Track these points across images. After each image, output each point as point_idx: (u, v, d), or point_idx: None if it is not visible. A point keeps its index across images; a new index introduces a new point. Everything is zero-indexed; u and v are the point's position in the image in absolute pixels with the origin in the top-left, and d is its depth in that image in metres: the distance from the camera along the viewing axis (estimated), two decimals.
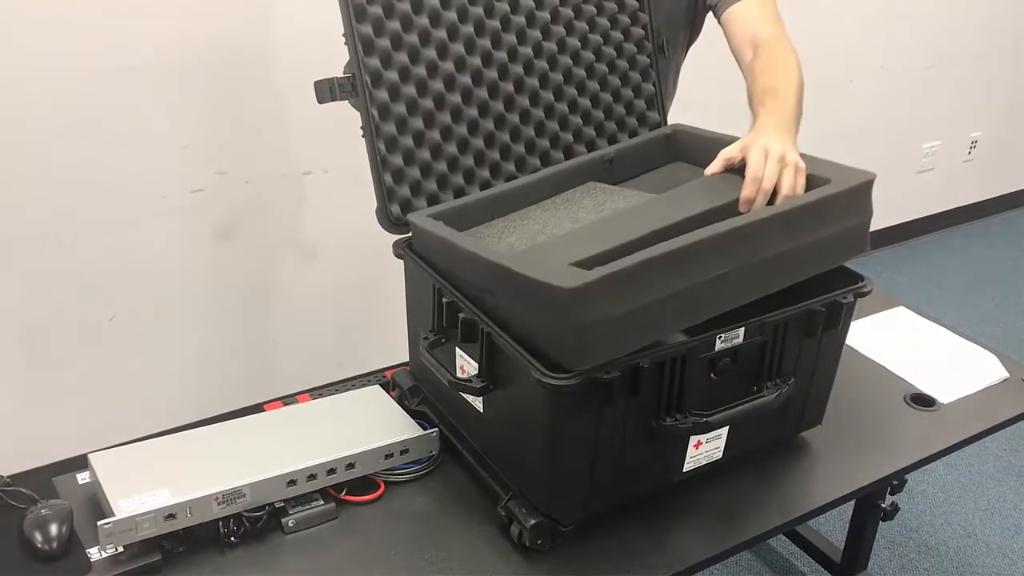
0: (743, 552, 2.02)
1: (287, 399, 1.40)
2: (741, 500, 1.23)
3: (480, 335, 1.10)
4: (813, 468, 1.31)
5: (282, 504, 1.15)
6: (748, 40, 1.44)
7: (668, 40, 1.54)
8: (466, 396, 1.19)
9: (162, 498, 1.08)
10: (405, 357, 1.39)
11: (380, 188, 1.27)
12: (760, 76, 1.36)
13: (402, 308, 1.32)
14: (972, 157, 3.72)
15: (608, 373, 1.02)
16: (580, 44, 1.43)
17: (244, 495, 1.12)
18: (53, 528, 1.09)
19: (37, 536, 1.08)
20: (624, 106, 1.49)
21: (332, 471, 1.18)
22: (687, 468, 1.19)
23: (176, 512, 1.07)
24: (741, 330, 1.12)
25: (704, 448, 1.18)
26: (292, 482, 1.15)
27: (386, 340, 1.55)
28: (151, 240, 1.99)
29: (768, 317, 1.14)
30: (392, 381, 1.40)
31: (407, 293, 1.31)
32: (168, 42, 1.85)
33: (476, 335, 1.11)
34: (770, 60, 1.38)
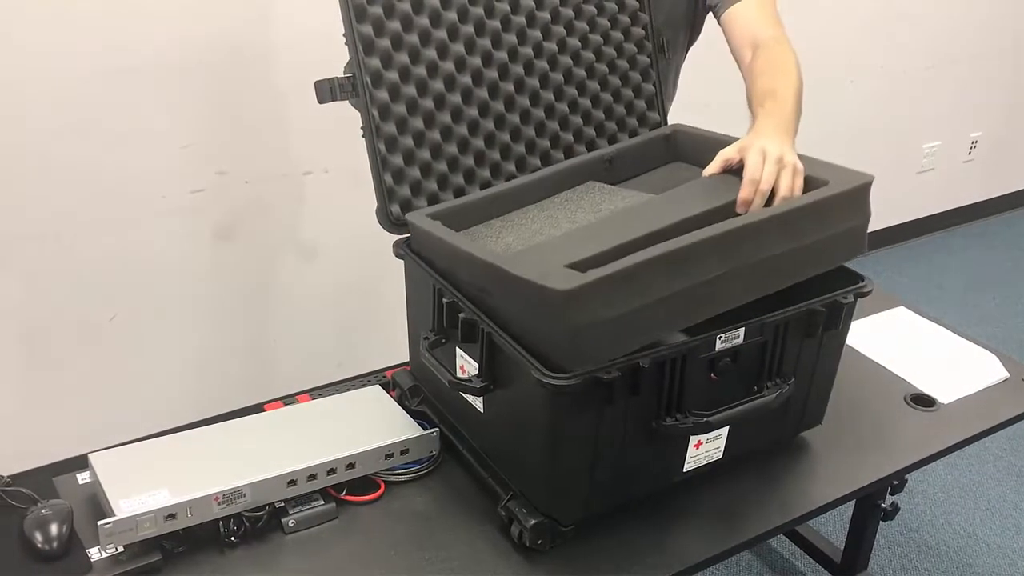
0: (743, 552, 2.02)
1: (287, 399, 1.40)
2: (741, 500, 1.23)
3: (480, 335, 1.10)
4: (813, 468, 1.31)
5: (282, 504, 1.15)
6: (748, 41, 1.44)
7: (668, 40, 1.54)
8: (466, 396, 1.19)
9: (162, 498, 1.08)
10: (405, 357, 1.39)
11: (380, 188, 1.27)
12: (759, 77, 1.36)
13: (402, 308, 1.32)
14: (972, 157, 3.72)
15: (608, 373, 1.02)
16: (580, 44, 1.43)
17: (244, 495, 1.12)
18: (53, 528, 1.09)
19: (37, 536, 1.08)
20: (624, 106, 1.49)
21: (332, 471, 1.18)
22: (687, 468, 1.19)
23: (176, 512, 1.08)
24: (741, 330, 1.12)
25: (704, 448, 1.18)
26: (292, 482, 1.15)
27: (386, 340, 1.55)
28: (151, 240, 1.99)
29: (768, 317, 1.14)
30: (392, 381, 1.40)
31: (407, 293, 1.31)
32: (168, 42, 1.85)
33: (476, 335, 1.11)
34: (769, 61, 1.37)
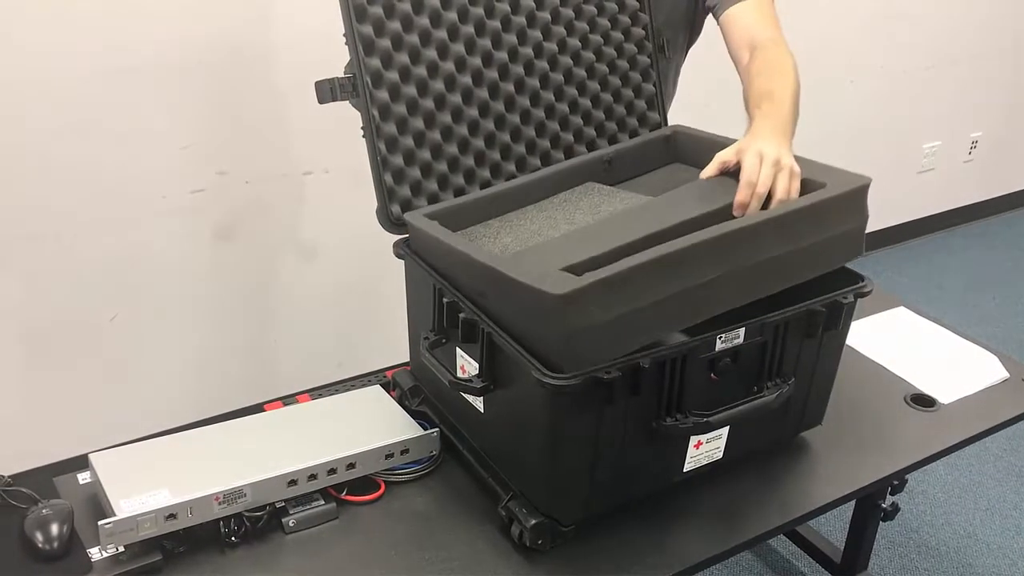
0: (743, 552, 2.02)
1: (287, 399, 1.40)
2: (741, 500, 1.23)
3: (481, 335, 1.10)
4: (813, 468, 1.31)
5: (283, 504, 1.15)
6: (746, 42, 1.44)
7: (668, 40, 1.54)
8: (467, 396, 1.19)
9: (163, 498, 1.08)
10: (406, 357, 1.39)
11: (380, 188, 1.27)
12: (756, 79, 1.36)
13: (402, 308, 1.32)
14: (972, 157, 3.72)
15: (608, 373, 1.02)
16: (581, 44, 1.43)
17: (245, 495, 1.12)
18: (54, 528, 1.09)
19: (38, 536, 1.08)
20: (625, 106, 1.49)
21: (333, 471, 1.18)
22: (687, 468, 1.19)
23: (177, 512, 1.08)
24: (741, 330, 1.12)
25: (704, 448, 1.18)
26: (293, 482, 1.15)
27: (386, 340, 1.55)
28: (151, 240, 1.99)
29: (769, 317, 1.14)
30: (393, 381, 1.40)
31: (407, 293, 1.31)
32: (168, 42, 1.85)
33: (477, 335, 1.11)
34: (767, 63, 1.37)
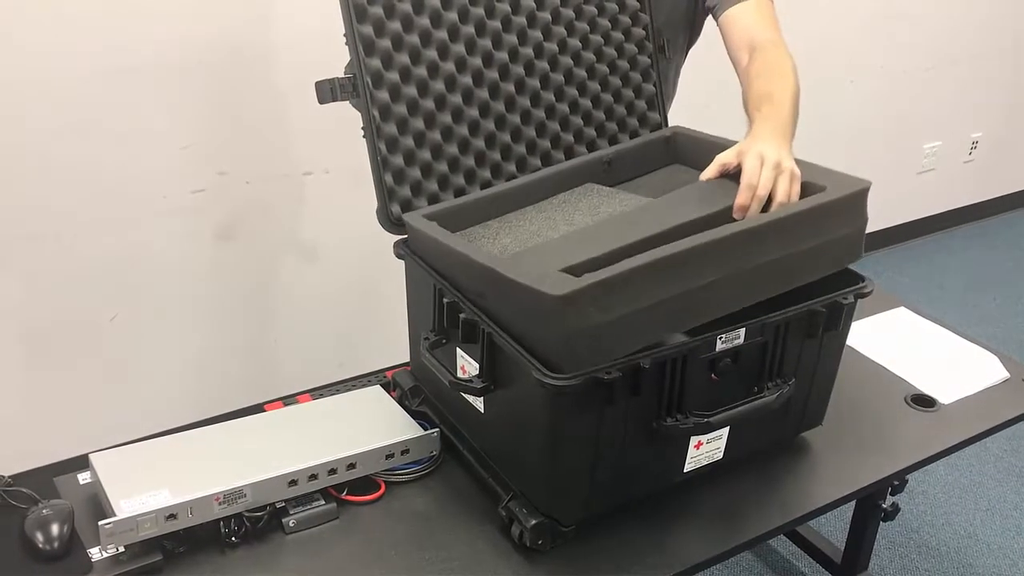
0: (744, 552, 2.02)
1: (288, 399, 1.40)
2: (742, 500, 1.23)
3: (481, 335, 1.10)
4: (814, 468, 1.31)
5: (283, 504, 1.15)
6: (745, 44, 1.44)
7: (668, 41, 1.54)
8: (467, 396, 1.19)
9: (163, 498, 1.08)
10: (406, 357, 1.39)
11: (381, 188, 1.27)
12: (756, 80, 1.35)
13: (403, 308, 1.32)
14: (973, 158, 3.72)
15: (609, 373, 1.02)
16: (581, 45, 1.43)
17: (245, 495, 1.12)
18: (54, 528, 1.09)
19: (38, 536, 1.08)
20: (625, 107, 1.49)
21: (333, 471, 1.18)
22: (688, 468, 1.19)
23: (177, 512, 1.08)
24: (742, 331, 1.12)
25: (705, 448, 1.18)
26: (293, 482, 1.15)
27: (387, 340, 1.55)
28: (152, 240, 1.99)
29: (769, 318, 1.14)
30: (393, 381, 1.40)
31: (408, 293, 1.31)
32: (168, 42, 1.85)
33: (477, 335, 1.11)
34: (766, 64, 1.37)
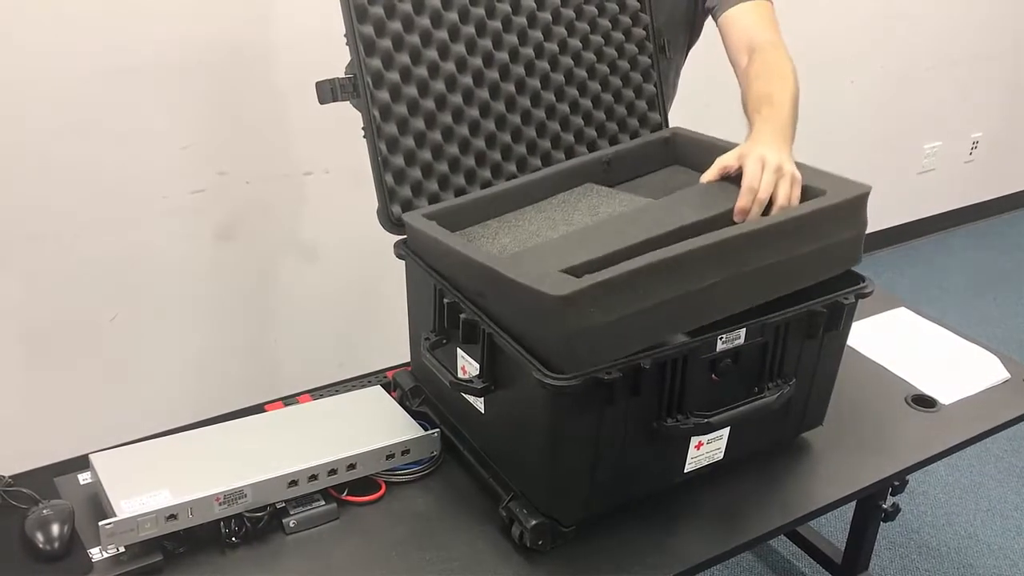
0: (744, 553, 2.02)
1: (288, 399, 1.39)
2: (742, 501, 1.23)
3: (481, 336, 1.10)
4: (814, 469, 1.31)
5: (283, 504, 1.15)
6: (744, 45, 1.44)
7: (669, 41, 1.54)
8: (467, 397, 1.19)
9: (163, 498, 1.08)
10: (406, 357, 1.39)
11: (381, 189, 1.27)
12: (755, 82, 1.35)
13: (403, 308, 1.32)
14: (973, 158, 3.72)
15: (609, 374, 1.02)
16: (582, 45, 1.43)
17: (245, 495, 1.12)
18: (55, 528, 1.09)
19: (39, 536, 1.08)
20: (625, 107, 1.49)
21: (333, 471, 1.18)
22: (688, 469, 1.19)
23: (177, 512, 1.07)
24: (742, 331, 1.12)
25: (705, 449, 1.18)
26: (293, 482, 1.15)
27: (387, 340, 1.55)
28: (152, 240, 1.99)
29: (769, 318, 1.14)
30: (393, 381, 1.40)
31: (408, 293, 1.31)
32: (168, 42, 1.85)
33: (477, 336, 1.11)
34: (765, 66, 1.37)
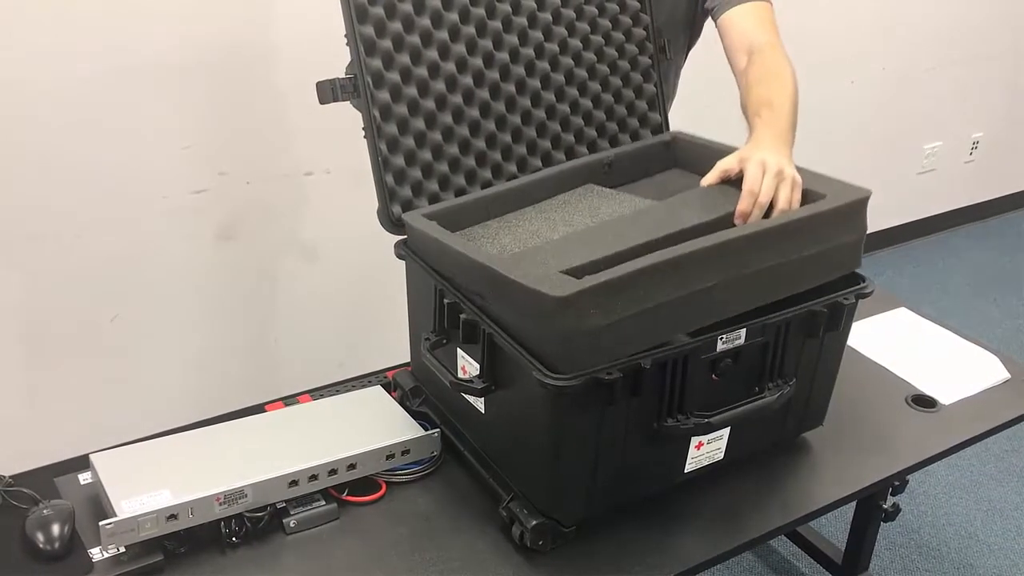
0: (744, 553, 2.02)
1: (288, 399, 1.39)
2: (742, 501, 1.23)
3: (482, 336, 1.10)
4: (814, 469, 1.31)
5: (284, 504, 1.15)
6: (743, 47, 1.44)
7: (669, 41, 1.54)
8: (467, 397, 1.19)
9: (164, 498, 1.08)
10: (406, 358, 1.39)
11: (381, 189, 1.27)
12: (755, 85, 1.35)
13: (404, 309, 1.32)
14: (973, 158, 3.72)
15: (610, 374, 1.02)
16: (582, 45, 1.43)
17: (246, 495, 1.12)
18: (55, 528, 1.09)
19: (39, 536, 1.08)
20: (626, 107, 1.49)
21: (334, 472, 1.18)
22: (688, 469, 1.19)
23: (178, 512, 1.08)
24: (743, 331, 1.12)
25: (705, 449, 1.18)
26: (294, 482, 1.15)
27: (387, 341, 1.55)
28: (152, 240, 1.99)
29: (770, 318, 1.14)
30: (393, 382, 1.40)
31: (408, 294, 1.31)
32: (168, 42, 1.85)
33: (478, 336, 1.11)
34: (765, 69, 1.37)
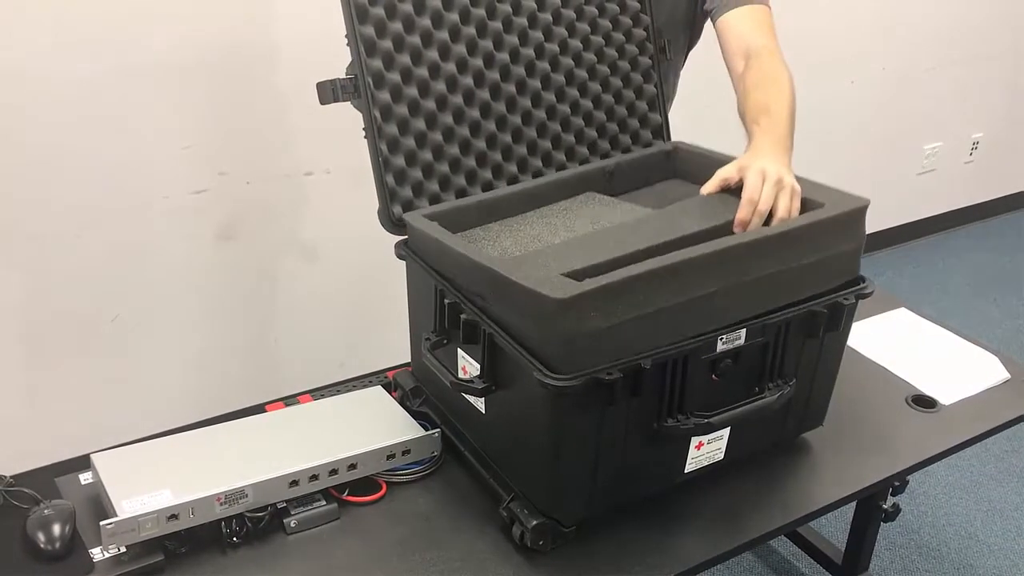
0: (744, 553, 2.02)
1: (289, 400, 1.40)
2: (742, 501, 1.23)
3: (482, 336, 1.10)
4: (814, 469, 1.31)
5: (284, 504, 1.16)
6: (740, 50, 1.44)
7: (669, 42, 1.54)
8: (468, 397, 1.19)
9: (164, 498, 1.08)
10: (407, 358, 1.39)
11: (382, 189, 1.27)
12: (752, 90, 1.35)
13: (404, 309, 1.32)
14: (973, 158, 3.72)
15: (610, 374, 1.02)
16: (582, 46, 1.43)
17: (246, 495, 1.12)
18: (56, 528, 1.09)
19: (40, 536, 1.09)
20: (626, 107, 1.49)
21: (334, 472, 1.18)
22: (688, 469, 1.19)
23: (178, 512, 1.08)
24: (743, 331, 1.12)
25: (706, 449, 1.18)
26: (294, 482, 1.15)
27: (388, 341, 1.55)
28: (153, 240, 1.99)
29: (770, 318, 1.14)
30: (394, 382, 1.40)
31: (409, 294, 1.31)
32: (168, 42, 1.85)
33: (478, 336, 1.11)
34: (762, 74, 1.37)
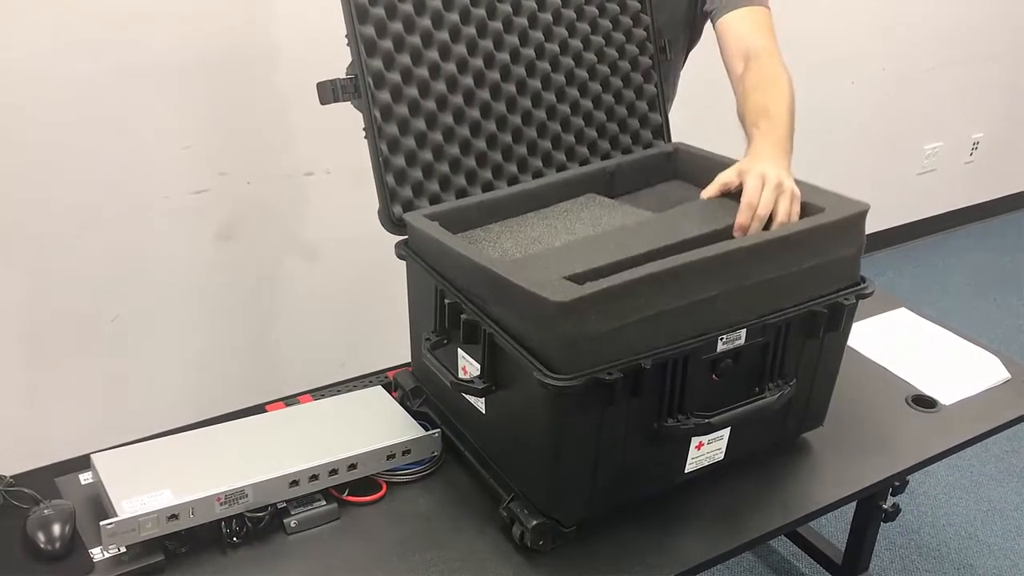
0: (744, 553, 2.02)
1: (289, 400, 1.40)
2: (742, 501, 1.23)
3: (482, 336, 1.10)
4: (815, 469, 1.31)
5: (284, 505, 1.16)
6: (740, 52, 1.44)
7: (669, 42, 1.54)
8: (468, 397, 1.19)
9: (164, 498, 1.08)
10: (407, 358, 1.39)
11: (382, 189, 1.27)
12: (752, 92, 1.35)
13: (404, 309, 1.32)
14: (973, 158, 3.72)
15: (610, 374, 1.02)
16: (582, 46, 1.43)
17: (246, 495, 1.12)
18: (56, 528, 1.09)
19: (40, 536, 1.09)
20: (626, 107, 1.49)
21: (334, 472, 1.18)
22: (689, 469, 1.19)
23: (179, 512, 1.08)
24: (743, 331, 1.12)
25: (706, 449, 1.18)
26: (294, 482, 1.15)
27: (388, 341, 1.55)
28: (153, 241, 1.99)
29: (770, 318, 1.14)
30: (394, 382, 1.40)
31: (409, 294, 1.31)
32: (169, 42, 1.85)
33: (478, 336, 1.11)
34: (761, 75, 1.37)
